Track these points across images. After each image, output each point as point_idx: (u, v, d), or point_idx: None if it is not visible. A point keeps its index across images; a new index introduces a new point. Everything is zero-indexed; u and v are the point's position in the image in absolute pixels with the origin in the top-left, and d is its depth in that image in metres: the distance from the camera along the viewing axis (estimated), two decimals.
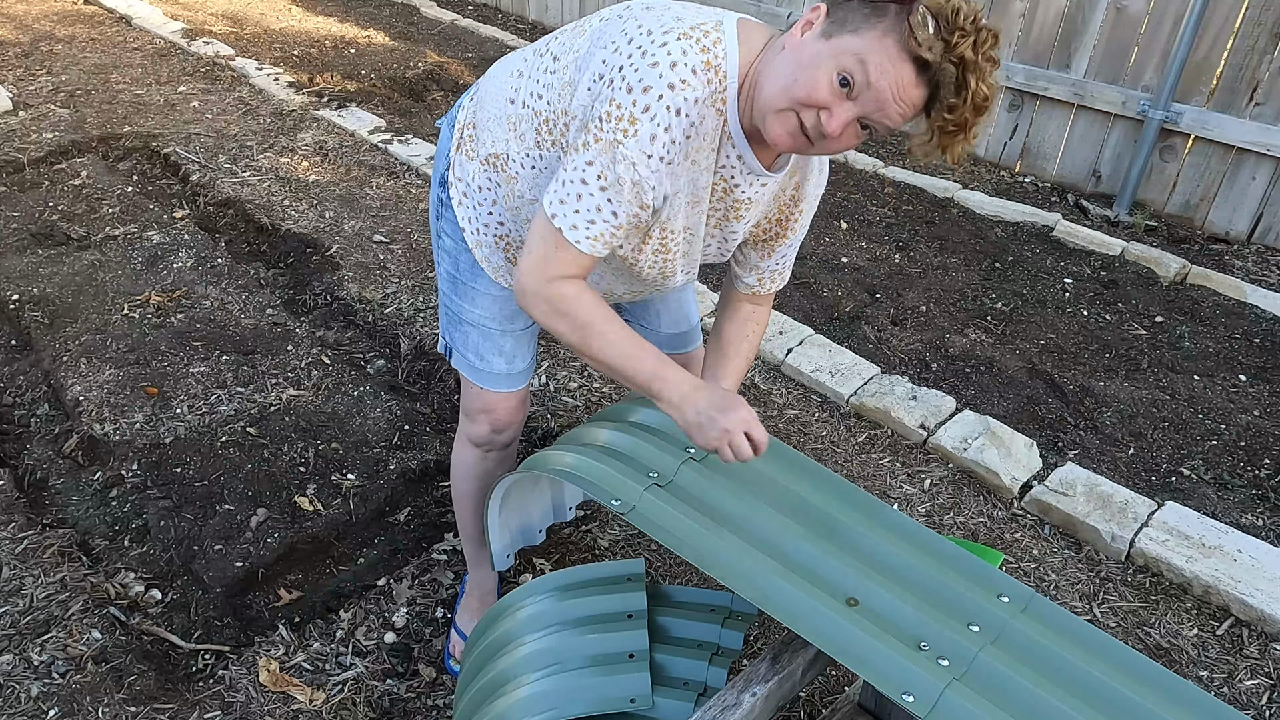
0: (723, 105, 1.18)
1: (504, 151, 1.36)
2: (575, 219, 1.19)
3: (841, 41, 1.09)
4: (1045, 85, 4.01)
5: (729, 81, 1.17)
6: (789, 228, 1.43)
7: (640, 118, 1.13)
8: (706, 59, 1.15)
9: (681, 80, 1.13)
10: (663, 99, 1.13)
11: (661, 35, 1.15)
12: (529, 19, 6.37)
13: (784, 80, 1.12)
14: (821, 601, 1.13)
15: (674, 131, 1.15)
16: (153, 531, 2.08)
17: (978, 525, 2.23)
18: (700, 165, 1.23)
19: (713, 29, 1.17)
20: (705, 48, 1.15)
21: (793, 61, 1.12)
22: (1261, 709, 1.83)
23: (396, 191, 3.73)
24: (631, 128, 1.14)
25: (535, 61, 1.33)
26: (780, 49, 1.15)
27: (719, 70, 1.16)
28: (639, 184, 1.17)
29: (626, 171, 1.16)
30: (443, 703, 1.77)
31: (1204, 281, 3.34)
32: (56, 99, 4.35)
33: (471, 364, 1.58)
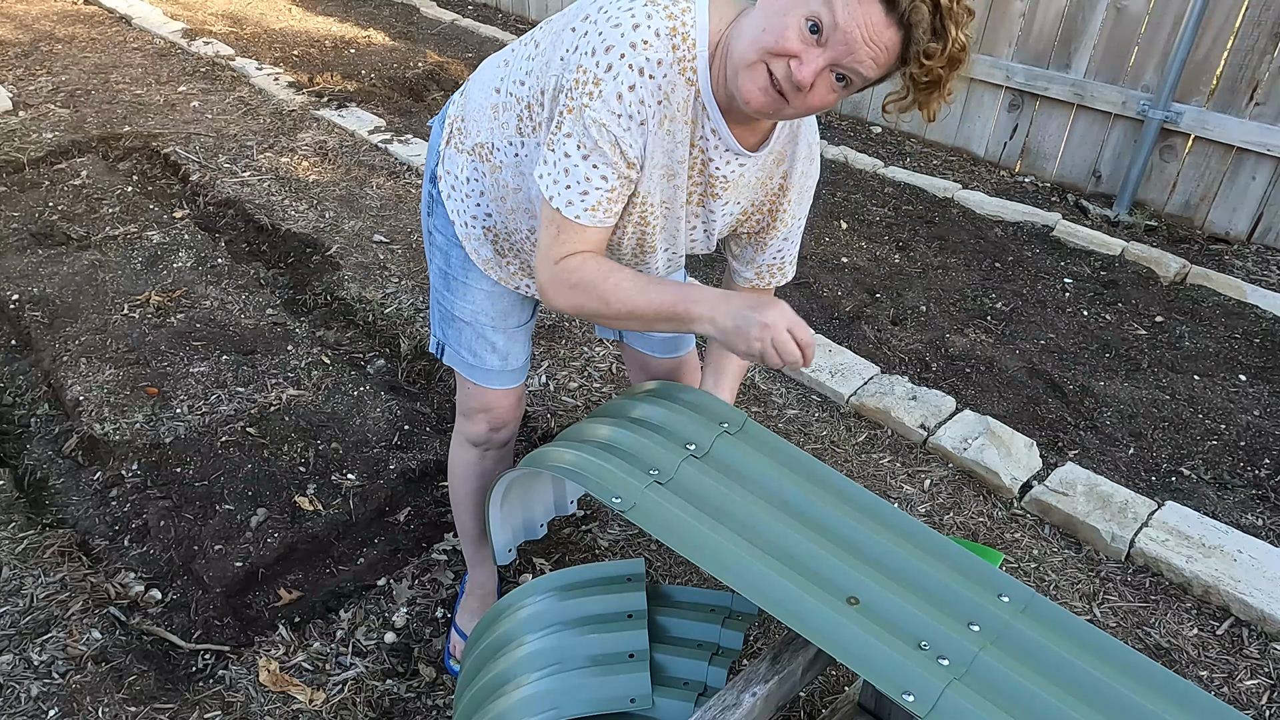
0: (693, 74, 1.17)
1: (488, 140, 1.37)
2: (569, 194, 1.19)
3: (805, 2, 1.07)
4: (1045, 85, 4.01)
5: (698, 49, 1.16)
6: (778, 218, 1.41)
7: (604, 78, 1.13)
8: (672, 25, 1.14)
9: (643, 40, 1.12)
10: (624, 57, 1.12)
11: (629, 2, 1.14)
12: (529, 19, 6.37)
13: (753, 33, 1.11)
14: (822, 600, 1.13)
15: (640, 90, 1.14)
16: (153, 531, 2.08)
17: (978, 525, 2.23)
18: (675, 137, 1.22)
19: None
20: (672, 14, 1.14)
21: (762, 13, 1.11)
22: (1261, 709, 1.83)
23: (396, 191, 3.73)
24: (597, 89, 1.14)
25: (520, 50, 1.33)
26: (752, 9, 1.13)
27: (686, 37, 1.15)
28: (616, 143, 1.16)
29: (600, 133, 1.15)
30: (443, 703, 1.77)
31: (1204, 281, 3.34)
32: (56, 99, 4.35)
33: (465, 361, 1.57)
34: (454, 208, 1.46)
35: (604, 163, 1.18)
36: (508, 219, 1.42)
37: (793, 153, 1.35)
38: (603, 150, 1.17)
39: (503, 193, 1.39)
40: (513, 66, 1.33)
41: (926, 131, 4.55)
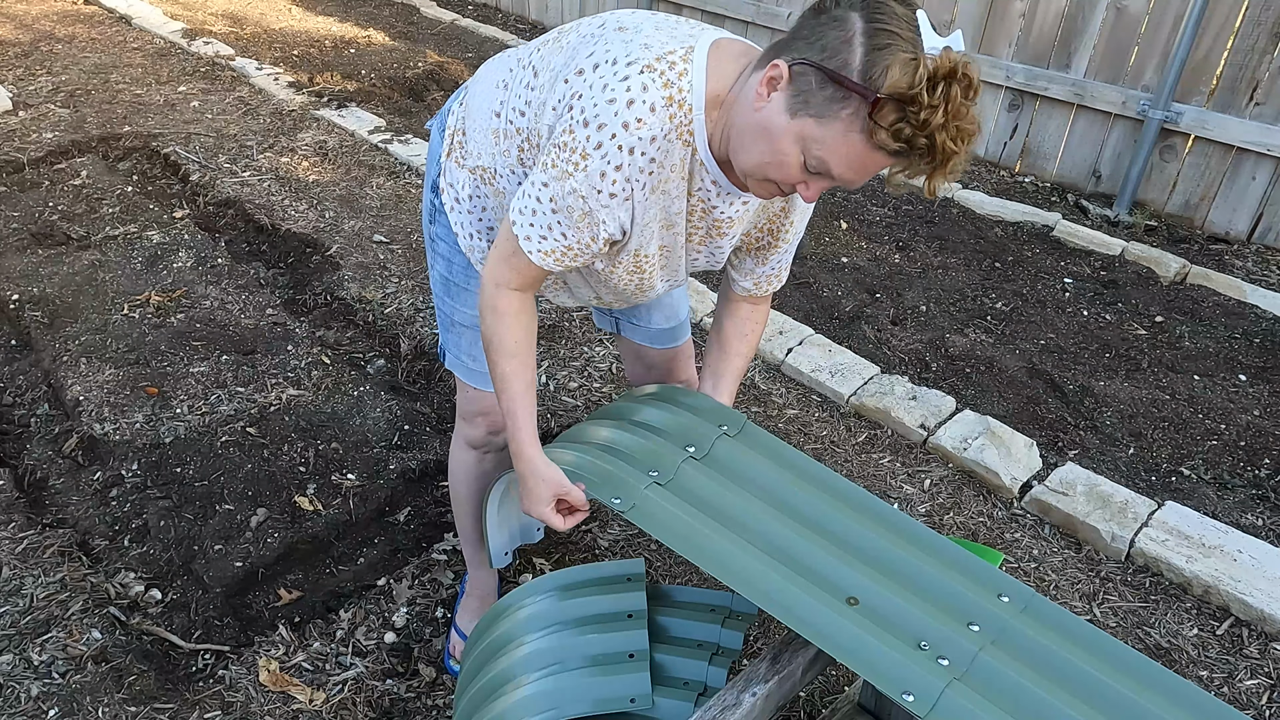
0: (690, 137, 1.17)
1: (490, 165, 1.38)
2: (530, 231, 1.23)
3: (805, 126, 1.07)
4: (1045, 85, 4.01)
5: (695, 114, 1.16)
6: (780, 237, 1.42)
7: (592, 154, 1.14)
8: (669, 94, 1.14)
9: (637, 119, 1.13)
10: (615, 138, 1.13)
11: (625, 68, 1.14)
12: (529, 19, 6.37)
13: (758, 156, 1.13)
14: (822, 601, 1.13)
15: (628, 169, 1.15)
16: (153, 531, 2.08)
17: (978, 525, 2.23)
18: (671, 194, 1.23)
19: (680, 59, 1.15)
20: (669, 81, 1.14)
21: (764, 135, 1.11)
22: (1261, 709, 1.83)
23: (396, 191, 3.73)
24: (583, 162, 1.15)
25: (519, 74, 1.33)
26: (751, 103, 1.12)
27: (682, 104, 1.15)
28: (588, 215, 1.19)
29: (575, 202, 1.18)
30: (443, 703, 1.77)
31: (1204, 281, 3.34)
32: (56, 99, 4.35)
33: (466, 365, 1.58)
34: (457, 220, 1.47)
35: (569, 227, 1.21)
36: None
37: None
38: (572, 216, 1.19)
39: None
40: (512, 92, 1.33)
41: None
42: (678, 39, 1.18)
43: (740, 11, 4.98)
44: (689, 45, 1.17)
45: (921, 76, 0.99)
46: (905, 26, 1.02)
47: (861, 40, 1.02)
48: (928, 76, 0.99)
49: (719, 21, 5.13)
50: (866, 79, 1.01)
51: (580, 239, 1.22)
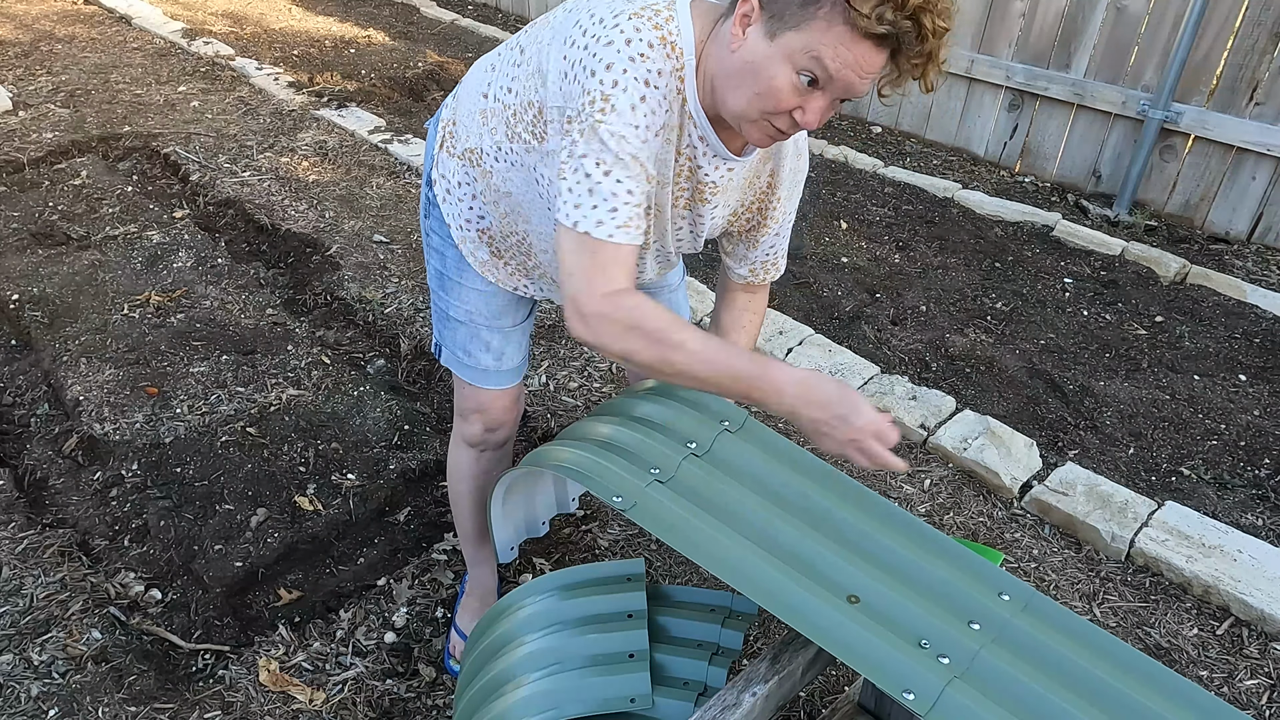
0: (680, 84, 1.17)
1: (478, 146, 1.37)
2: (597, 214, 1.13)
3: (788, 40, 1.07)
4: (1045, 85, 4.01)
5: (686, 58, 1.16)
6: (769, 216, 1.42)
7: (612, 93, 1.12)
8: (661, 34, 1.14)
9: (640, 54, 1.12)
10: (628, 71, 1.12)
11: (613, 19, 1.14)
12: (529, 19, 6.37)
13: (747, 92, 1.12)
14: (822, 599, 1.13)
15: (650, 100, 1.14)
16: (153, 531, 2.08)
17: (978, 525, 2.23)
18: (670, 143, 1.22)
19: (665, 7, 1.16)
20: (658, 25, 1.14)
21: (748, 70, 1.11)
22: (1261, 709, 1.83)
23: (396, 191, 3.73)
24: (608, 104, 1.12)
25: (506, 55, 1.34)
26: (728, 46, 1.13)
27: (674, 46, 1.15)
28: (636, 155, 1.14)
29: (619, 145, 1.13)
30: (443, 703, 1.77)
31: (1204, 281, 3.34)
32: (56, 99, 4.35)
33: (460, 360, 1.58)
34: (449, 211, 1.47)
35: (627, 176, 1.14)
36: (502, 222, 1.43)
37: (779, 150, 1.36)
38: (624, 163, 1.13)
39: (495, 197, 1.40)
40: (499, 72, 1.33)
41: (926, 131, 4.55)
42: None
43: None
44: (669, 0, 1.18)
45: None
46: None
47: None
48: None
49: None
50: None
51: (642, 187, 1.15)
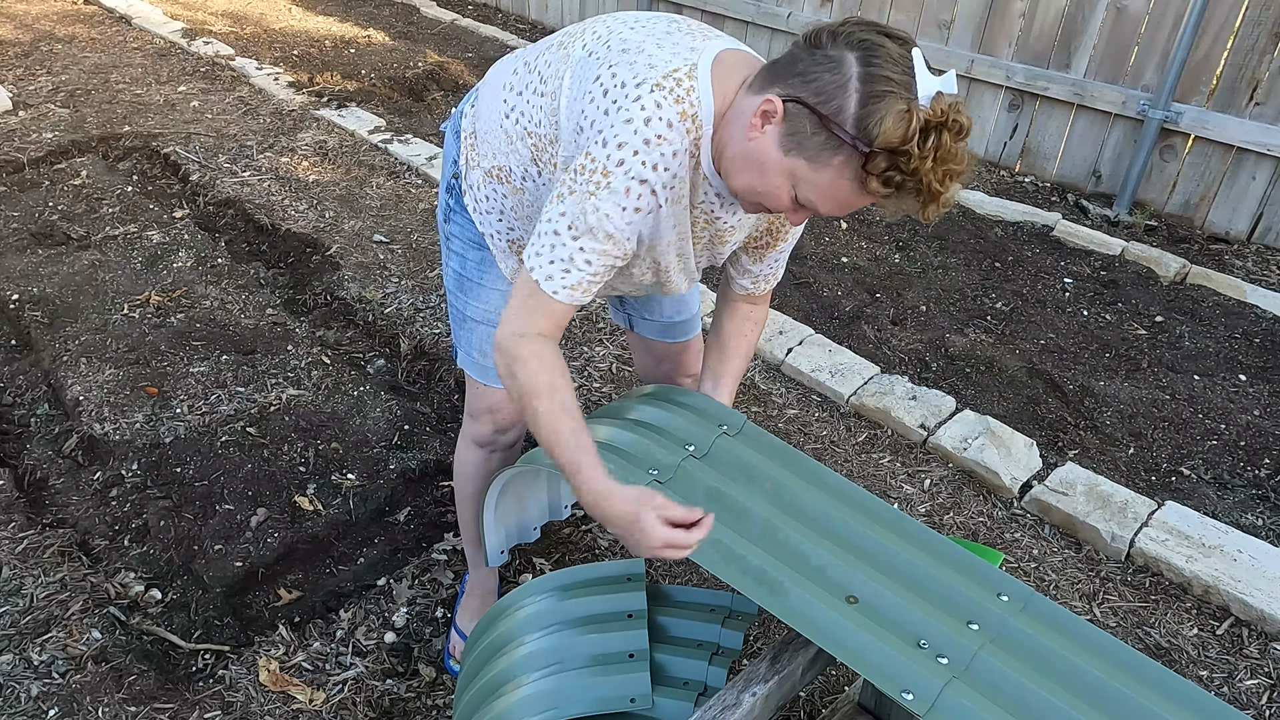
0: (696, 149, 1.19)
1: (505, 165, 1.39)
2: (551, 269, 1.19)
3: (798, 165, 1.09)
4: (1045, 85, 4.01)
5: (704, 129, 1.17)
6: (779, 236, 1.45)
7: (614, 171, 1.14)
8: (682, 109, 1.15)
9: (657, 136, 1.14)
10: (638, 154, 1.14)
11: (635, 88, 1.15)
12: (529, 19, 6.37)
13: (748, 180, 1.15)
14: (821, 599, 1.13)
15: (652, 182, 1.16)
16: (153, 531, 2.08)
17: (978, 525, 2.24)
18: (683, 204, 1.25)
19: (686, 75, 1.16)
20: (680, 97, 1.15)
21: (755, 164, 1.13)
22: (1261, 709, 1.83)
23: (396, 191, 3.73)
24: (605, 180, 1.15)
25: (525, 77, 1.34)
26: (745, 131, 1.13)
27: (695, 119, 1.16)
28: (613, 236, 1.18)
29: (599, 222, 1.16)
30: (443, 703, 1.77)
31: (1204, 281, 3.34)
32: (56, 99, 4.35)
33: (476, 361, 1.58)
34: (479, 220, 1.49)
35: (595, 248, 1.18)
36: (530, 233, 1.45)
37: None
38: (597, 238, 1.17)
39: (526, 212, 1.42)
40: (520, 95, 1.33)
41: None
42: (680, 55, 1.18)
43: (740, 11, 4.98)
44: (692, 63, 1.17)
45: (915, 130, 1.00)
46: (899, 70, 1.02)
47: (857, 87, 1.03)
48: (920, 128, 1.00)
49: (719, 22, 5.12)
50: (860, 130, 1.03)
51: (604, 261, 1.20)
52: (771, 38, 4.93)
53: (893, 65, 1.02)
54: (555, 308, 1.22)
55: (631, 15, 1.30)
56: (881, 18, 4.44)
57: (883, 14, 4.44)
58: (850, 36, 1.05)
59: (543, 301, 1.21)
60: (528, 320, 1.21)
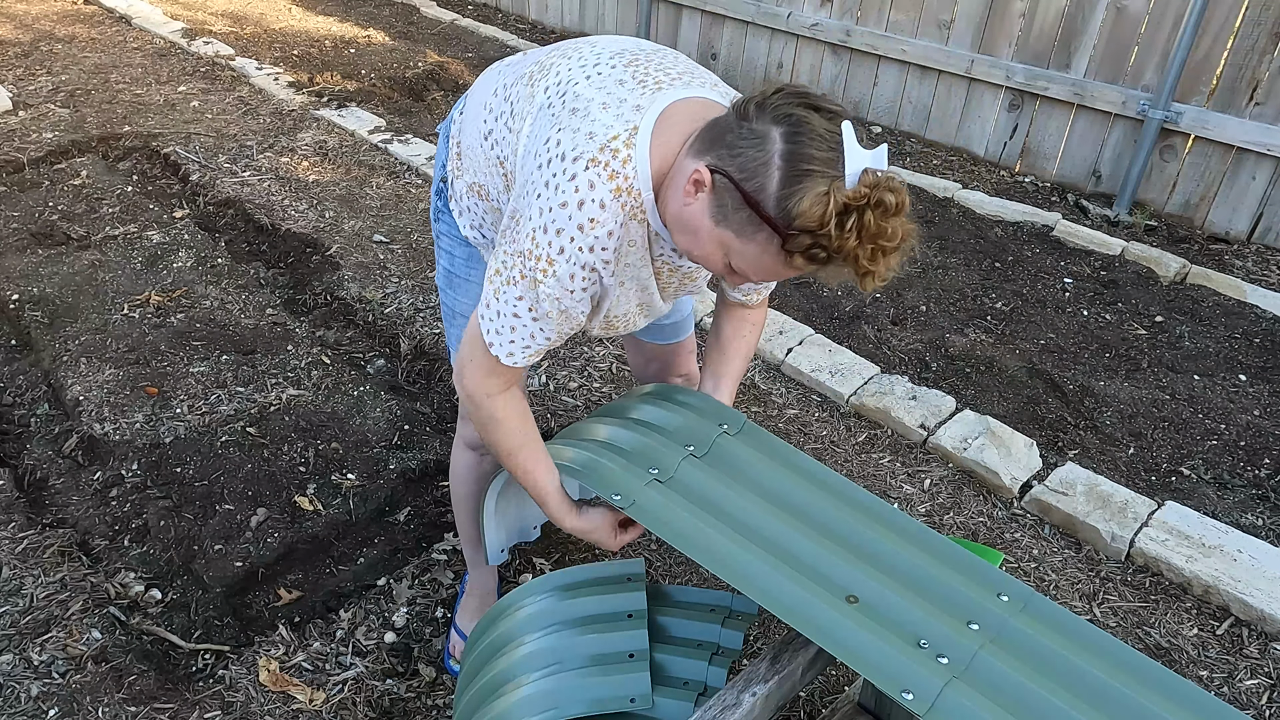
0: (643, 215, 1.20)
1: (484, 184, 1.41)
2: (510, 346, 1.27)
3: (726, 236, 1.11)
4: (1045, 85, 4.01)
5: (644, 195, 1.18)
6: None
7: (557, 259, 1.17)
8: (616, 185, 1.16)
9: (590, 220, 1.15)
10: (574, 240, 1.16)
11: (571, 164, 1.16)
12: (529, 19, 6.37)
13: (685, 245, 1.17)
14: (821, 599, 1.13)
15: (593, 261, 1.19)
16: (153, 531, 2.08)
17: (978, 525, 2.24)
18: (636, 264, 1.27)
19: (624, 145, 1.16)
20: (614, 171, 1.15)
21: (689, 229, 1.14)
22: (1261, 709, 1.83)
23: (396, 191, 3.73)
24: (550, 268, 1.18)
25: (500, 105, 1.35)
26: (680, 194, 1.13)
27: (630, 190, 1.17)
28: (566, 312, 1.23)
29: (552, 305, 1.22)
30: (443, 703, 1.77)
31: (1204, 281, 3.34)
32: (56, 99, 4.35)
33: None
34: (463, 223, 1.50)
35: (551, 327, 1.25)
36: None
37: None
38: (552, 318, 1.24)
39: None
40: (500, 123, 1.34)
41: (926, 131, 4.55)
42: (623, 119, 1.18)
43: (740, 11, 4.98)
44: (633, 126, 1.17)
45: (831, 213, 1.00)
46: (825, 147, 1.02)
47: (779, 165, 1.03)
48: (837, 212, 1.00)
49: (719, 22, 5.13)
50: (780, 210, 1.03)
51: (561, 331, 1.27)
52: (771, 38, 4.93)
53: (818, 142, 1.02)
54: (516, 372, 1.32)
55: (594, 53, 1.28)
56: (881, 18, 4.44)
57: (882, 14, 4.44)
58: (777, 110, 1.05)
59: (504, 369, 1.30)
60: (495, 381, 1.31)
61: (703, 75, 1.30)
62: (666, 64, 1.27)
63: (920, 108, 4.52)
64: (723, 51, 5.21)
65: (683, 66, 1.29)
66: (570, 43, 1.36)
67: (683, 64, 1.30)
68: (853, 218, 1.00)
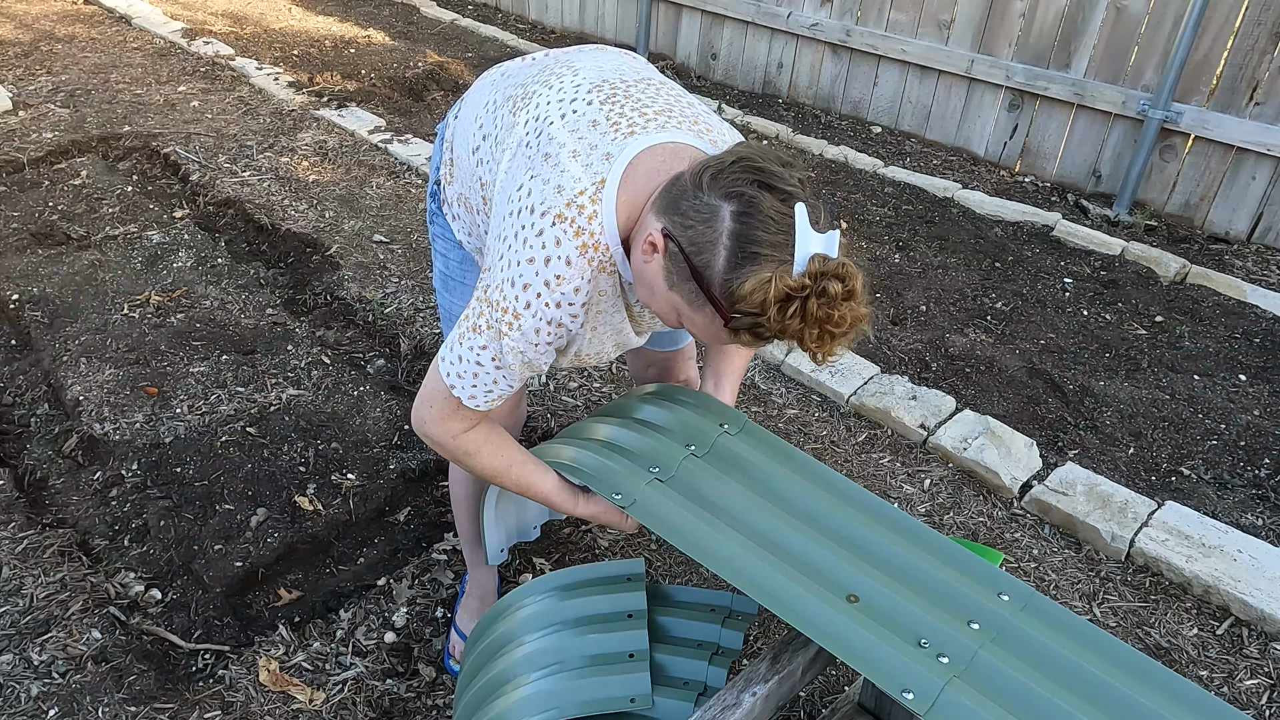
0: (613, 267, 1.21)
1: (470, 195, 1.42)
2: (473, 391, 1.28)
3: (676, 301, 1.12)
4: (1045, 85, 4.01)
5: (613, 250, 1.19)
6: None
7: (523, 314, 1.19)
8: (581, 241, 1.16)
9: (556, 276, 1.16)
10: (540, 296, 1.17)
11: (539, 219, 1.17)
12: (529, 19, 6.37)
13: (645, 297, 1.18)
14: (821, 598, 1.13)
15: (558, 318, 1.20)
16: (153, 531, 2.08)
17: (978, 525, 2.24)
18: (609, 312, 1.28)
19: (589, 200, 1.16)
20: (580, 228, 1.16)
21: (647, 286, 1.16)
22: (1261, 709, 1.83)
23: (396, 191, 3.73)
24: (516, 321, 1.19)
25: (488, 124, 1.35)
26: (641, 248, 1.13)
27: (597, 246, 1.17)
28: (529, 363, 1.25)
29: (515, 358, 1.24)
30: (443, 703, 1.77)
31: (1204, 281, 3.34)
32: (56, 99, 4.35)
33: None
34: (455, 230, 1.51)
35: (512, 375, 1.27)
36: None
37: None
38: (514, 370, 1.25)
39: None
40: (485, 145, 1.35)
41: (926, 131, 4.55)
42: (592, 169, 1.18)
43: (740, 11, 4.98)
44: (599, 179, 1.17)
45: (772, 299, 1.01)
46: (775, 230, 1.02)
47: (726, 245, 1.04)
48: (779, 299, 1.01)
49: (719, 22, 5.13)
50: (724, 291, 1.04)
51: (524, 377, 1.29)
52: (771, 37, 4.94)
53: (767, 224, 1.02)
54: (480, 414, 1.33)
55: (574, 84, 1.27)
56: (881, 18, 4.44)
57: (882, 14, 4.44)
58: (730, 186, 1.04)
59: (469, 412, 1.31)
60: (458, 424, 1.32)
61: (683, 110, 1.27)
62: (645, 101, 1.25)
63: (920, 107, 4.52)
64: (723, 51, 5.21)
65: (662, 103, 1.26)
66: (555, 62, 1.35)
67: (663, 98, 1.27)
68: (795, 304, 1.01)
